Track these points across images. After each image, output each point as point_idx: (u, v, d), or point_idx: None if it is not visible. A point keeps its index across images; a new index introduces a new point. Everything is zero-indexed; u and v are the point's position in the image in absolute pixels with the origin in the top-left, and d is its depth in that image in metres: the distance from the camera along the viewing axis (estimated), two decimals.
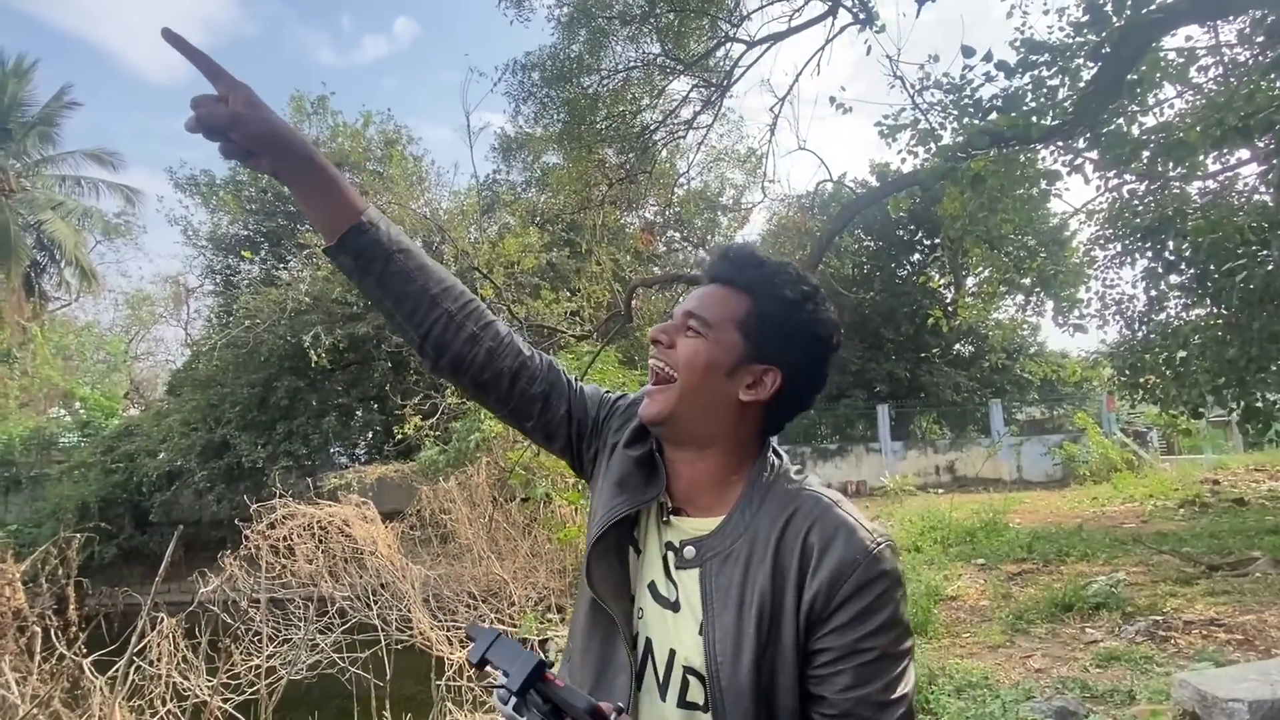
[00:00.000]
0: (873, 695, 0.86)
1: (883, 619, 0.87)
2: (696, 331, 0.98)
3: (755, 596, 0.90)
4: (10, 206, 20.10)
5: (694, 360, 0.97)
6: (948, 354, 20.82)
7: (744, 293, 0.98)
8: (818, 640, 0.88)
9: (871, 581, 0.87)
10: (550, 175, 12.71)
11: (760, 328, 0.97)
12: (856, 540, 0.89)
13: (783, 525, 0.92)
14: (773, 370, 0.98)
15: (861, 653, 0.87)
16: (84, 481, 14.90)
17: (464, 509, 9.67)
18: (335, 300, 15.19)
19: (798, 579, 0.89)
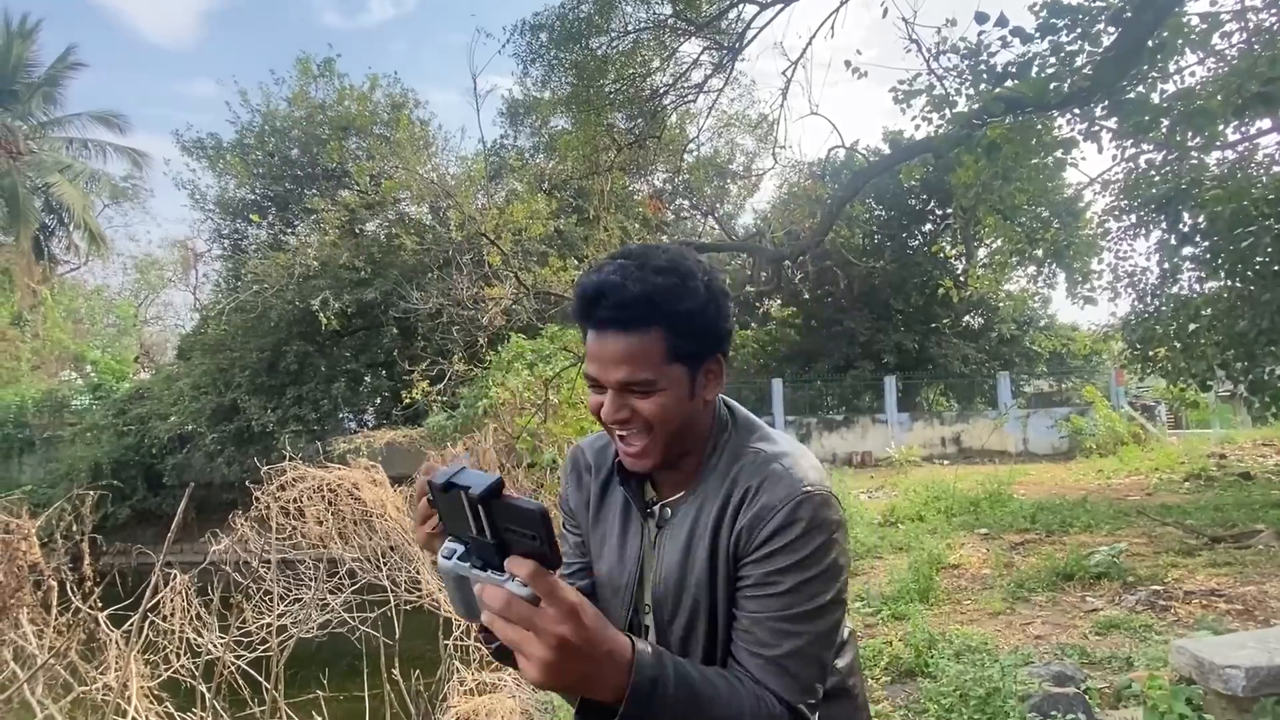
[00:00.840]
0: (773, 620, 0.95)
1: (797, 557, 0.95)
2: (644, 393, 0.99)
3: (698, 543, 1.02)
4: (18, 169, 20.08)
5: (663, 414, 1.00)
6: (957, 325, 20.71)
7: (650, 328, 0.96)
8: (741, 569, 0.99)
9: (789, 524, 0.96)
10: (558, 140, 12.57)
11: (687, 345, 0.99)
12: (781, 487, 0.99)
13: (730, 480, 1.03)
14: (715, 358, 1.04)
15: (769, 584, 0.96)
16: (96, 443, 15.10)
17: None
18: (343, 265, 15.19)
19: (731, 518, 1.00)
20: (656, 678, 0.81)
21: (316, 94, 17.10)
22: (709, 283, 1.00)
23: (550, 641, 0.71)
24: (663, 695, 0.81)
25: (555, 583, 0.71)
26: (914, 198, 19.78)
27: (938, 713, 3.41)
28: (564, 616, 0.71)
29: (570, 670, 0.73)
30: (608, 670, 0.77)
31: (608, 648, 0.77)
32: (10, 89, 20.61)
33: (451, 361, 11.41)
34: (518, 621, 0.71)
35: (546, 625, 0.71)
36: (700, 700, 0.86)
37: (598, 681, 0.77)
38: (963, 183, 8.92)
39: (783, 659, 0.94)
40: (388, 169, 15.26)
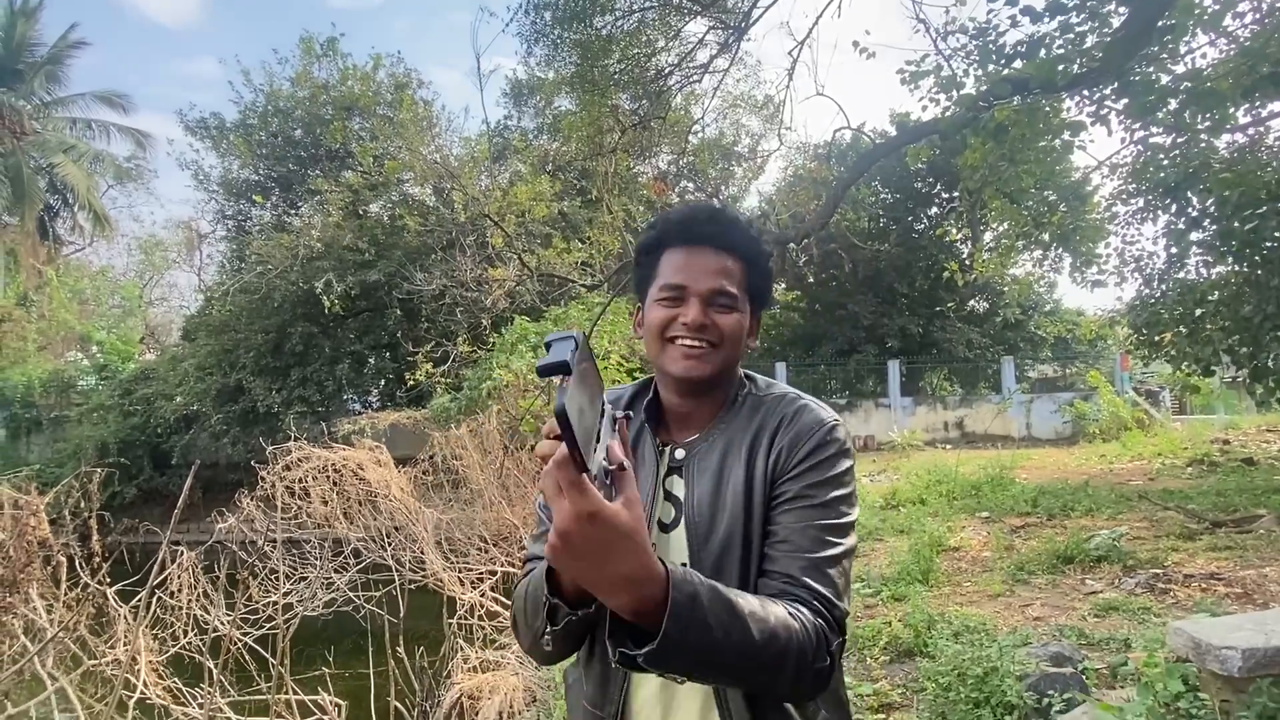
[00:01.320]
0: (812, 529, 1.01)
1: (831, 473, 1.04)
2: (728, 308, 1.10)
3: (731, 469, 1.07)
4: (22, 149, 20.06)
5: (735, 331, 1.11)
6: (962, 310, 20.65)
7: (738, 257, 1.11)
8: (778, 487, 1.04)
9: (825, 444, 1.05)
10: (562, 121, 12.49)
11: (759, 289, 1.14)
12: (814, 414, 1.09)
13: (759, 420, 1.10)
14: (759, 314, 1.18)
15: (810, 497, 1.02)
16: (103, 423, 15.20)
17: (475, 455, 9.81)
18: (346, 247, 15.18)
19: (767, 446, 1.07)
20: (694, 594, 0.82)
21: (320, 74, 17.01)
22: (769, 250, 1.17)
23: (558, 527, 0.73)
24: (702, 611, 0.82)
25: (575, 481, 0.72)
26: (920, 180, 19.65)
27: (935, 691, 3.44)
28: (570, 516, 0.72)
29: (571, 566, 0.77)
30: (624, 592, 0.78)
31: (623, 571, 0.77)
32: (14, 68, 20.54)
33: (455, 343, 11.42)
34: (549, 498, 0.74)
35: (558, 514, 0.73)
36: (737, 613, 0.85)
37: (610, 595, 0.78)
38: (969, 165, 8.86)
39: (823, 562, 0.99)
40: (391, 150, 15.20)
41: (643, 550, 0.77)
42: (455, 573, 6.77)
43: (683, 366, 1.09)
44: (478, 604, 6.08)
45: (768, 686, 0.93)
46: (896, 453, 14.09)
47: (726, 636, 0.84)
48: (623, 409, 1.16)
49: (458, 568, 6.99)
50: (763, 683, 0.91)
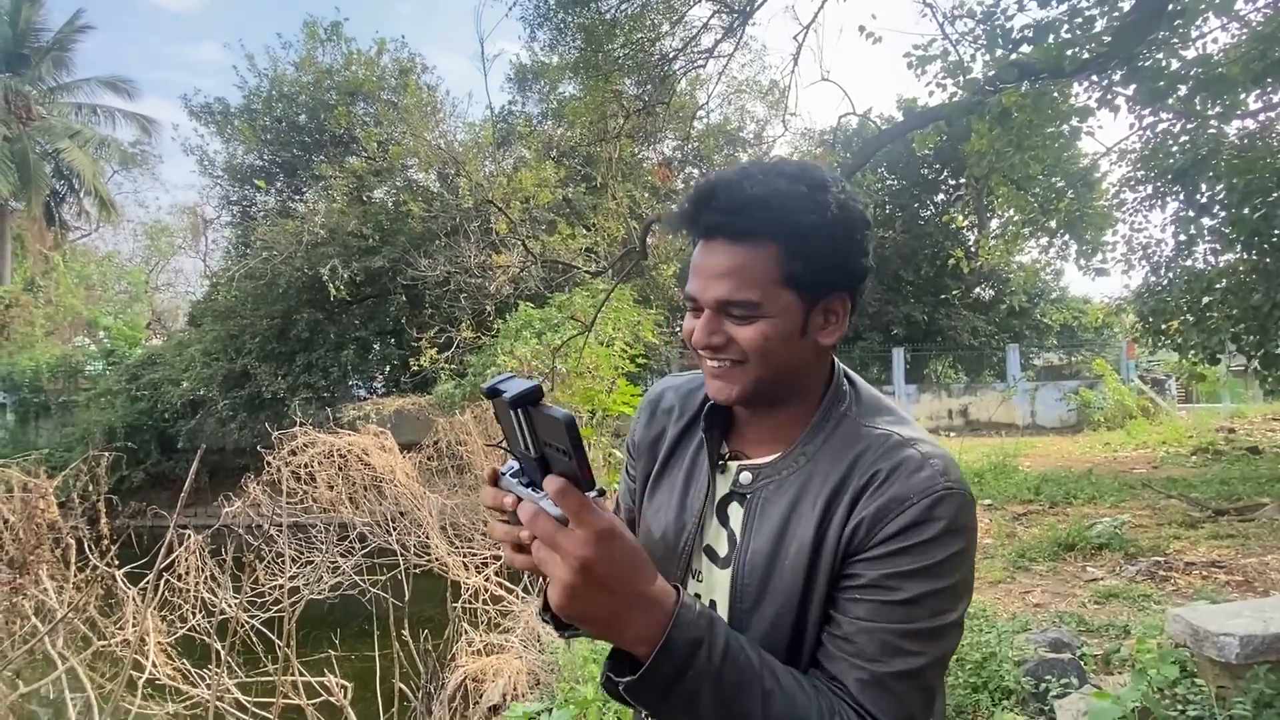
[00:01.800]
0: (883, 633, 0.79)
1: (924, 563, 0.79)
2: (746, 318, 0.84)
3: (799, 526, 0.85)
4: (28, 134, 20.08)
5: (765, 346, 0.85)
6: (967, 297, 20.58)
7: (765, 241, 0.82)
8: (850, 566, 0.82)
9: (922, 523, 0.79)
10: (566, 106, 12.45)
11: (807, 270, 0.83)
12: (919, 479, 0.81)
13: (848, 463, 0.85)
14: (840, 296, 0.87)
15: (888, 589, 0.79)
16: (110, 408, 15.30)
17: (479, 441, 9.86)
18: (351, 233, 15.19)
19: (848, 507, 0.83)
20: (699, 640, 0.71)
21: (324, 58, 16.96)
22: (845, 202, 0.85)
23: (572, 563, 0.66)
24: (703, 664, 0.71)
25: (586, 503, 0.66)
26: (927, 167, 19.54)
27: None
28: (590, 539, 0.66)
29: (593, 601, 0.67)
30: (640, 614, 0.69)
31: (641, 589, 0.69)
32: (19, 53, 20.52)
33: (459, 329, 11.44)
34: (543, 539, 0.68)
35: (570, 546, 0.66)
36: (749, 687, 0.72)
37: (627, 624, 0.70)
38: (976, 151, 8.80)
39: (890, 678, 0.78)
40: (395, 135, 15.17)
41: (650, 567, 0.72)
42: (460, 557, 6.83)
43: (711, 389, 0.90)
44: (482, 588, 6.13)
45: None
46: None
47: (729, 698, 0.72)
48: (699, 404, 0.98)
49: (462, 552, 7.04)
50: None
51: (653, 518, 0.99)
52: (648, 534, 0.99)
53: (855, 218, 0.86)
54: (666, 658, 0.70)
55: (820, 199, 0.83)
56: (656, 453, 1.02)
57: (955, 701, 3.25)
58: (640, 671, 0.70)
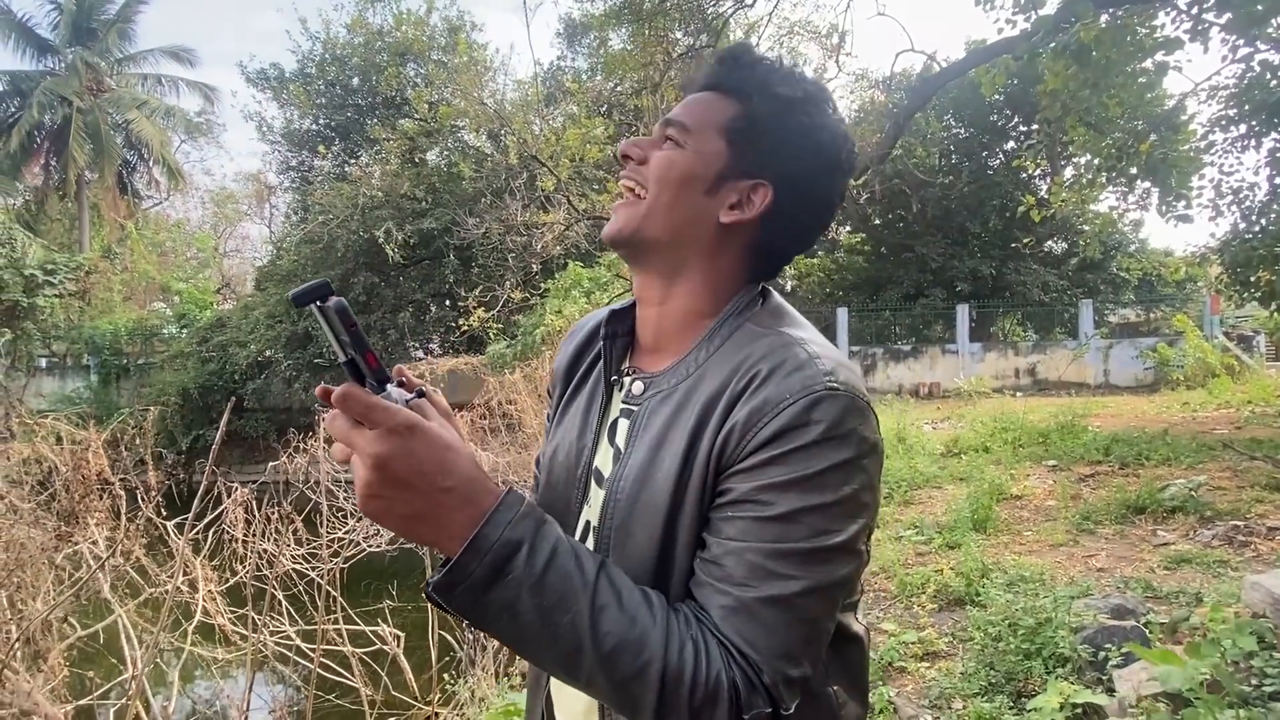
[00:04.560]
0: (752, 553, 0.69)
1: (799, 474, 0.69)
2: (675, 141, 0.82)
3: (675, 435, 0.76)
4: (100, 106, 20.81)
5: (667, 173, 0.81)
6: (1038, 250, 19.59)
7: (733, 96, 0.82)
8: (722, 481, 0.73)
9: (798, 427, 0.69)
10: (612, 58, 12.15)
11: (748, 132, 0.81)
12: (796, 378, 0.71)
13: (732, 367, 0.76)
14: (762, 185, 0.81)
15: (759, 504, 0.69)
16: (184, 370, 16.01)
17: (529, 399, 9.92)
18: (404, 195, 15.33)
19: (722, 416, 0.73)
20: (518, 541, 0.63)
21: (374, 19, 17.00)
22: (816, 112, 0.82)
23: (367, 461, 0.61)
24: (522, 569, 0.63)
25: (372, 403, 0.62)
26: (995, 113, 18.50)
27: (983, 641, 3.31)
28: (382, 435, 0.61)
29: (394, 500, 0.62)
30: (454, 512, 0.63)
31: (452, 484, 0.63)
32: (88, 26, 21.18)
33: (505, 288, 11.47)
34: (341, 439, 0.63)
35: (363, 443, 0.61)
36: (576, 598, 0.64)
37: (440, 524, 0.63)
38: (1049, 92, 8.23)
39: (758, 604, 0.68)
40: (445, 95, 15.14)
41: (472, 461, 0.66)
42: None
43: (608, 227, 0.85)
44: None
45: (614, 705, 0.69)
46: (962, 400, 13.64)
47: (550, 608, 0.64)
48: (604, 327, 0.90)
49: None
50: (604, 695, 0.69)
51: (557, 442, 0.92)
52: (551, 459, 0.91)
53: (821, 131, 0.83)
54: (475, 556, 0.63)
55: (805, 90, 0.82)
56: (571, 377, 0.96)
57: (1005, 668, 3.09)
58: (446, 569, 0.63)
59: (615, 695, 0.67)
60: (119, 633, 3.23)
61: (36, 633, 3.03)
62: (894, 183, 17.58)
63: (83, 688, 3.57)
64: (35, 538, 3.40)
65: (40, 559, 3.31)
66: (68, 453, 3.39)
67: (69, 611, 3.30)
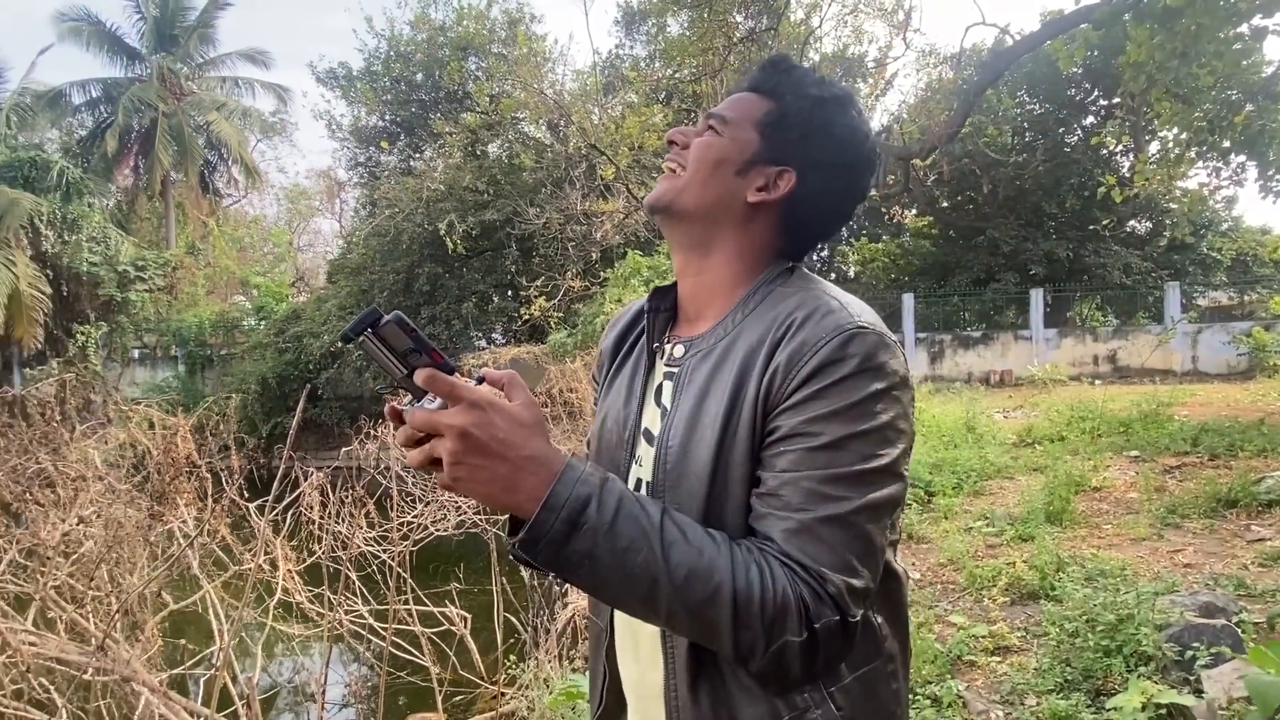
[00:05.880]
0: (806, 480, 0.76)
1: (841, 404, 0.77)
2: (715, 130, 0.94)
3: (719, 386, 0.85)
4: (183, 109, 21.83)
5: (705, 154, 0.92)
6: (1119, 231, 18.62)
7: (769, 96, 0.94)
8: (771, 421, 0.80)
9: (836, 362, 0.78)
10: (672, 44, 12.06)
11: (778, 125, 0.92)
12: (829, 320, 0.81)
13: (768, 322, 0.85)
14: (787, 172, 0.91)
15: (808, 436, 0.77)
16: (262, 360, 16.73)
17: (589, 388, 10.01)
18: (467, 188, 15.59)
19: (764, 364, 0.82)
20: (587, 496, 0.71)
21: (436, 15, 17.28)
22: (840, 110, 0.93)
23: (452, 434, 0.69)
24: (594, 519, 0.70)
25: (454, 381, 0.70)
26: (1073, 87, 17.62)
27: (1059, 637, 3.19)
28: (464, 409, 0.69)
29: (478, 469, 0.70)
30: (528, 476, 0.71)
31: (529, 452, 0.71)
32: (170, 34, 22.20)
33: (565, 278, 11.57)
34: (425, 426, 0.70)
35: (448, 419, 0.69)
36: (646, 539, 0.71)
37: (517, 487, 0.71)
38: (1133, 64, 7.79)
39: (817, 524, 0.75)
40: (506, 88, 15.32)
41: (541, 433, 0.73)
42: None
43: (649, 196, 0.96)
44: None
45: (695, 635, 0.78)
46: (1036, 388, 13.12)
47: (624, 550, 0.71)
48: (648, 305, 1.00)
49: None
50: (684, 628, 0.77)
51: (605, 410, 1.01)
52: (599, 427, 1.01)
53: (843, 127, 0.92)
54: (552, 512, 0.70)
55: (832, 93, 0.93)
56: (616, 355, 1.05)
57: (1082, 665, 2.97)
58: (527, 527, 0.71)
59: (694, 623, 0.74)
60: (207, 607, 3.42)
61: (134, 605, 3.23)
62: (963, 163, 16.96)
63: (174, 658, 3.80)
64: (131, 517, 3.63)
65: (136, 537, 3.52)
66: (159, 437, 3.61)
67: (162, 586, 3.51)
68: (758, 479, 0.80)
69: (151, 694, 2.83)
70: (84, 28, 21.52)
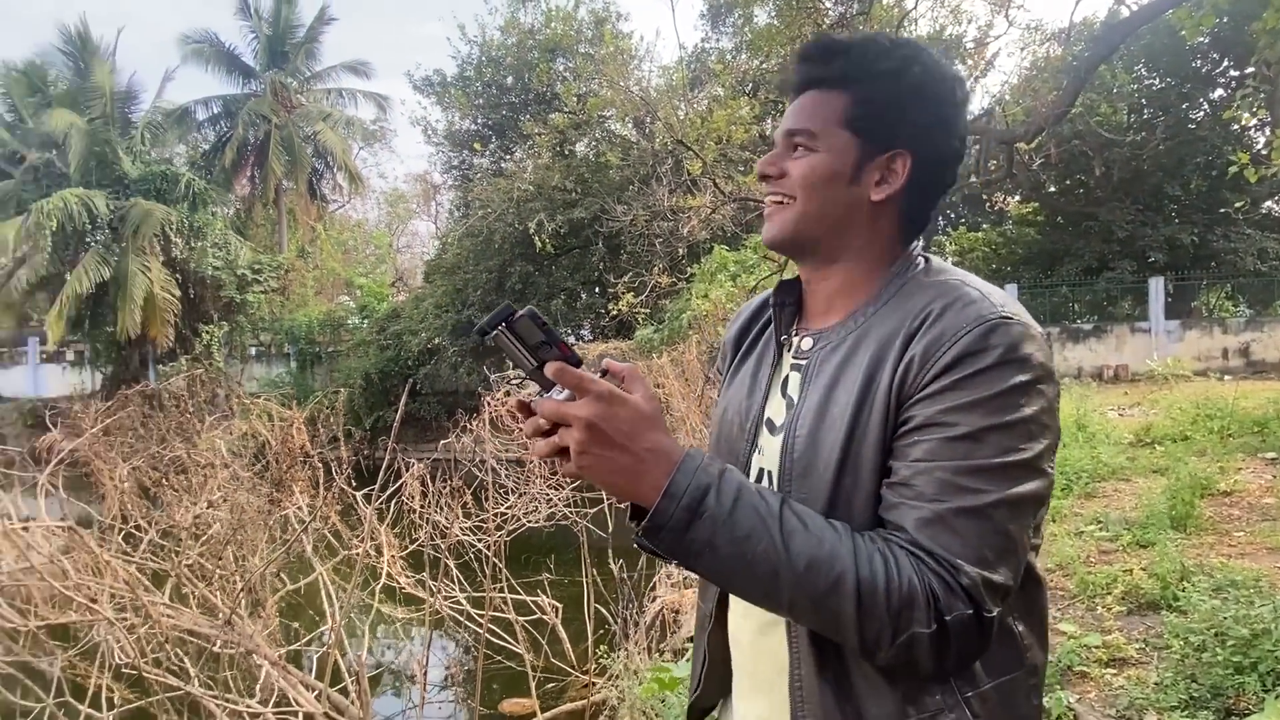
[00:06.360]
0: (941, 470, 0.74)
1: (982, 394, 0.74)
2: (805, 148, 0.88)
3: (849, 377, 0.83)
4: (293, 121, 23.22)
5: (810, 177, 0.87)
6: (1253, 213, 17.10)
7: (837, 88, 0.87)
8: (905, 411, 0.78)
9: (977, 353, 0.75)
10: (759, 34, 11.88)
11: (869, 116, 0.86)
12: (970, 310, 0.78)
13: (902, 313, 0.82)
14: (900, 154, 0.86)
15: (944, 426, 0.75)
16: (365, 357, 17.61)
17: (677, 384, 10.02)
18: (555, 187, 15.90)
19: (899, 353, 0.79)
20: (707, 485, 0.72)
21: (525, 19, 17.68)
22: (931, 66, 0.86)
23: (580, 424, 0.71)
24: (713, 507, 0.71)
25: (582, 374, 0.72)
26: (1199, 58, 16.28)
27: (1183, 650, 2.97)
28: (592, 400, 0.71)
29: (604, 458, 0.72)
30: (650, 466, 0.73)
31: (650, 444, 0.73)
32: (281, 50, 23.64)
33: (652, 274, 11.62)
34: (554, 416, 0.72)
35: (576, 410, 0.71)
36: (766, 527, 0.71)
37: (640, 477, 0.73)
38: (1269, 30, 7.12)
39: (951, 515, 0.73)
40: (593, 87, 15.51)
41: (661, 426, 0.75)
42: None
43: (764, 232, 0.92)
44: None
45: (818, 625, 0.77)
46: (1155, 383, 12.23)
47: (744, 538, 0.72)
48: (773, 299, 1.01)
49: None
50: (807, 618, 0.76)
51: (727, 401, 1.01)
52: (720, 417, 1.02)
53: (937, 80, 0.86)
54: (673, 500, 0.72)
55: (901, 53, 0.86)
56: (740, 346, 1.05)
57: (1210, 681, 2.76)
58: (649, 515, 0.72)
59: (817, 613, 0.74)
60: (318, 589, 3.64)
61: (256, 584, 3.47)
62: (1073, 144, 15.96)
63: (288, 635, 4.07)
64: (253, 502, 3.90)
65: (257, 521, 3.78)
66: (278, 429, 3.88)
67: (279, 568, 3.75)
68: (889, 469, 0.79)
69: (272, 667, 3.03)
70: (205, 49, 23.18)
